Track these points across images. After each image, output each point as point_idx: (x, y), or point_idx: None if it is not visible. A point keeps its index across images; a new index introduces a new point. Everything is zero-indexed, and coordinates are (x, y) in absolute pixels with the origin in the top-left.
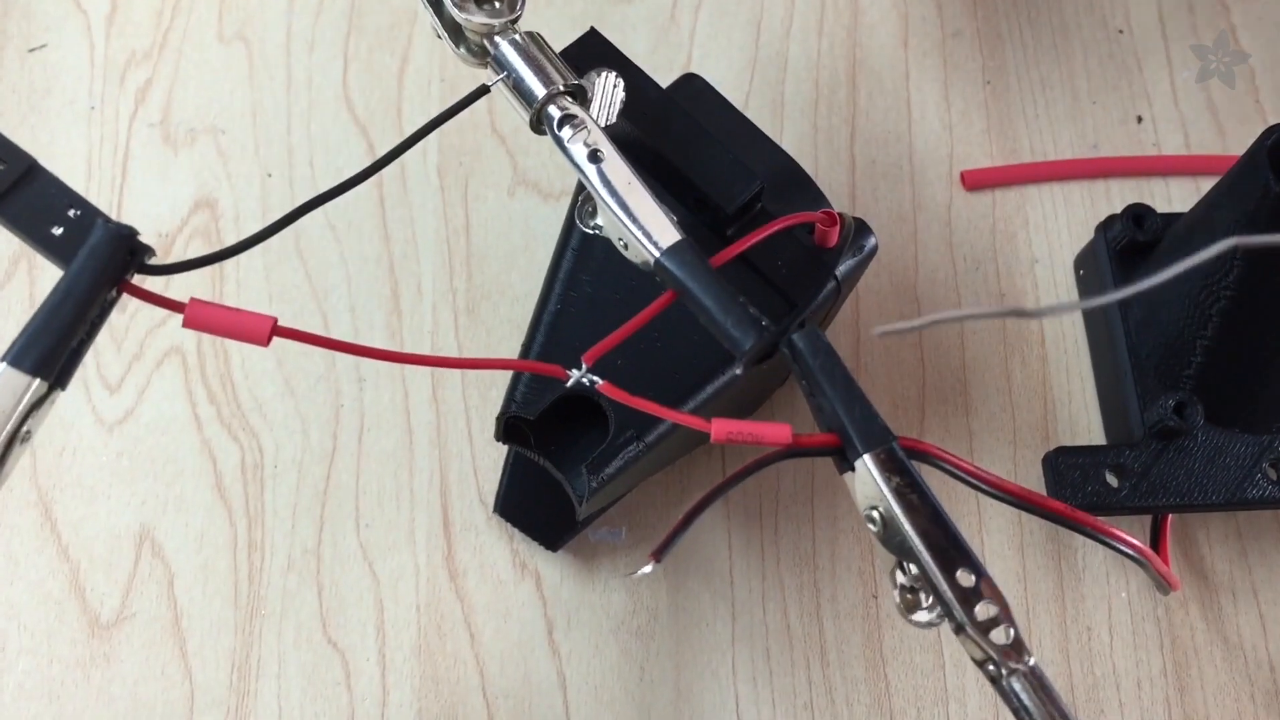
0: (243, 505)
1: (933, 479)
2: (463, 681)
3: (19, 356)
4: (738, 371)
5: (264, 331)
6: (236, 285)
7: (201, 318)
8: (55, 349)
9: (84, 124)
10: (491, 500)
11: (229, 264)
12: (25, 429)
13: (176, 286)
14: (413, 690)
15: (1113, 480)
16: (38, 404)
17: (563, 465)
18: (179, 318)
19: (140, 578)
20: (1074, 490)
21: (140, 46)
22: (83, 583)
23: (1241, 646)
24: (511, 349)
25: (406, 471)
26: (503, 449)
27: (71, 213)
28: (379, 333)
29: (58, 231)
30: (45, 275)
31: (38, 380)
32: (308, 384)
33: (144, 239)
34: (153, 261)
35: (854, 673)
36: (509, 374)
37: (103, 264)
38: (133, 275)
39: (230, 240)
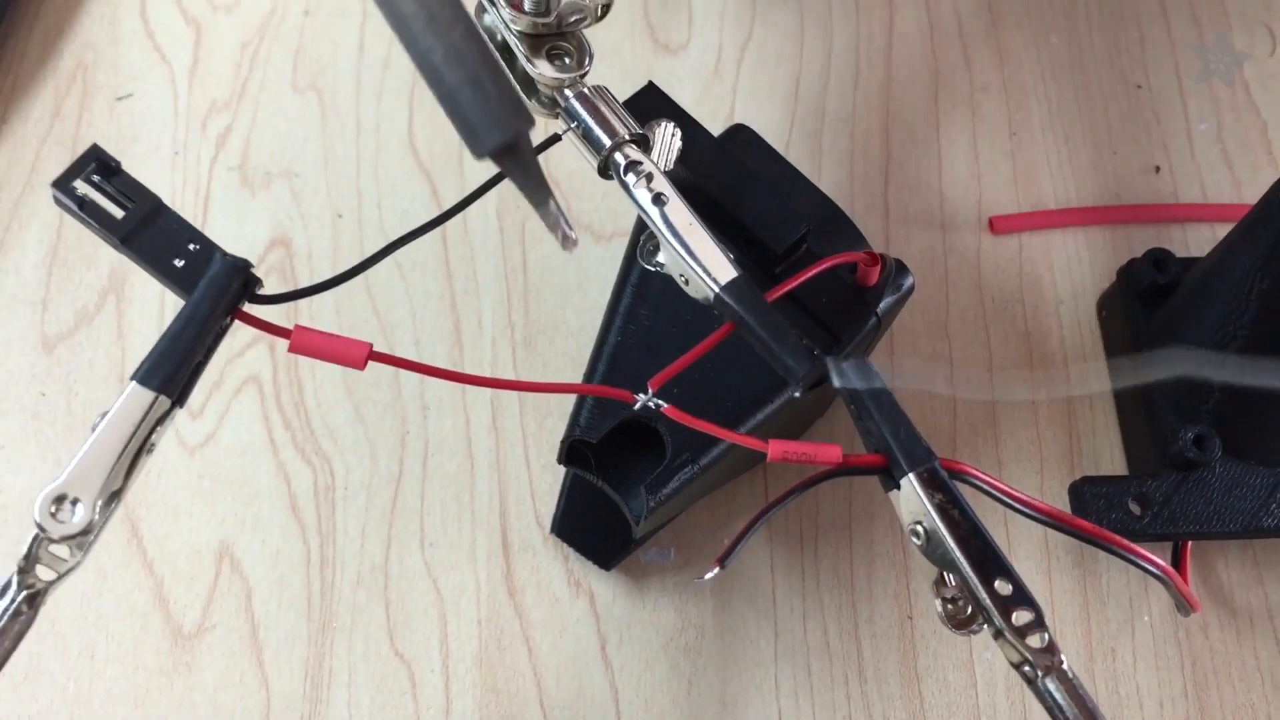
0: (315, 524)
1: (968, 498)
2: (521, 693)
3: (147, 376)
4: (796, 395)
5: (361, 356)
6: (309, 319)
7: (305, 343)
8: (178, 369)
9: (168, 168)
10: (548, 522)
11: (303, 299)
12: (150, 441)
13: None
14: (474, 700)
15: (1135, 508)
16: (161, 419)
17: (620, 487)
18: (256, 349)
19: (220, 591)
20: (1099, 517)
21: (220, 96)
22: (166, 595)
23: (1259, 669)
24: (566, 380)
25: (468, 494)
26: (558, 474)
27: (191, 246)
28: (441, 364)
29: (179, 263)
30: (133, 308)
31: (162, 397)
32: (376, 412)
33: None
34: (262, 292)
35: (890, 689)
36: (565, 405)
37: (221, 293)
38: (244, 304)
39: (304, 276)
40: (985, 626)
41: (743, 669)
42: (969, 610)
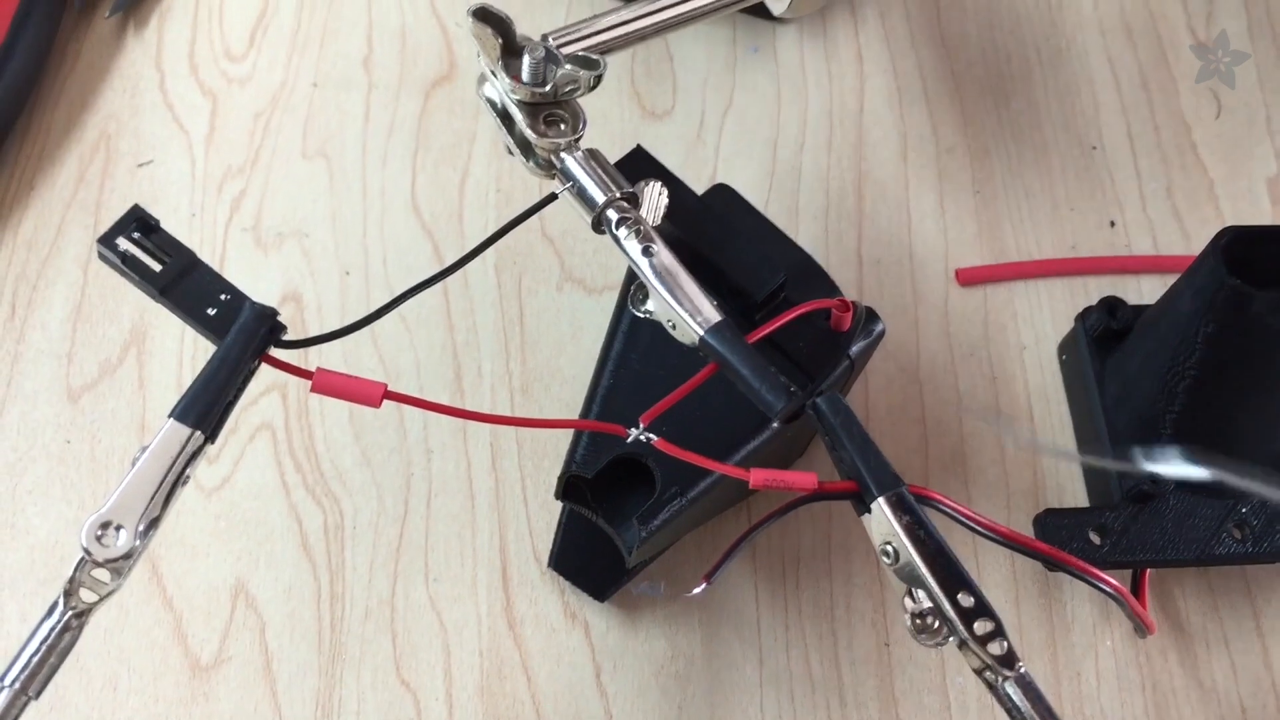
0: (325, 562)
1: (936, 523)
2: (521, 719)
3: (184, 413)
4: (775, 425)
5: (377, 395)
6: None
7: (327, 384)
8: (212, 407)
9: (186, 229)
10: (545, 557)
11: (313, 348)
12: (186, 474)
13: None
14: None
15: (1095, 538)
16: (196, 453)
17: (613, 520)
18: (269, 398)
19: (236, 626)
20: (1061, 547)
21: (235, 162)
22: (185, 630)
23: (1215, 690)
24: None
25: (469, 532)
26: (554, 512)
27: (223, 297)
28: None
29: (212, 312)
30: (152, 360)
31: (197, 432)
32: (382, 455)
33: None
34: (286, 337)
35: (869, 713)
36: (559, 448)
37: (250, 338)
38: (270, 348)
39: (314, 329)
40: (951, 637)
41: (729, 695)
42: (936, 623)
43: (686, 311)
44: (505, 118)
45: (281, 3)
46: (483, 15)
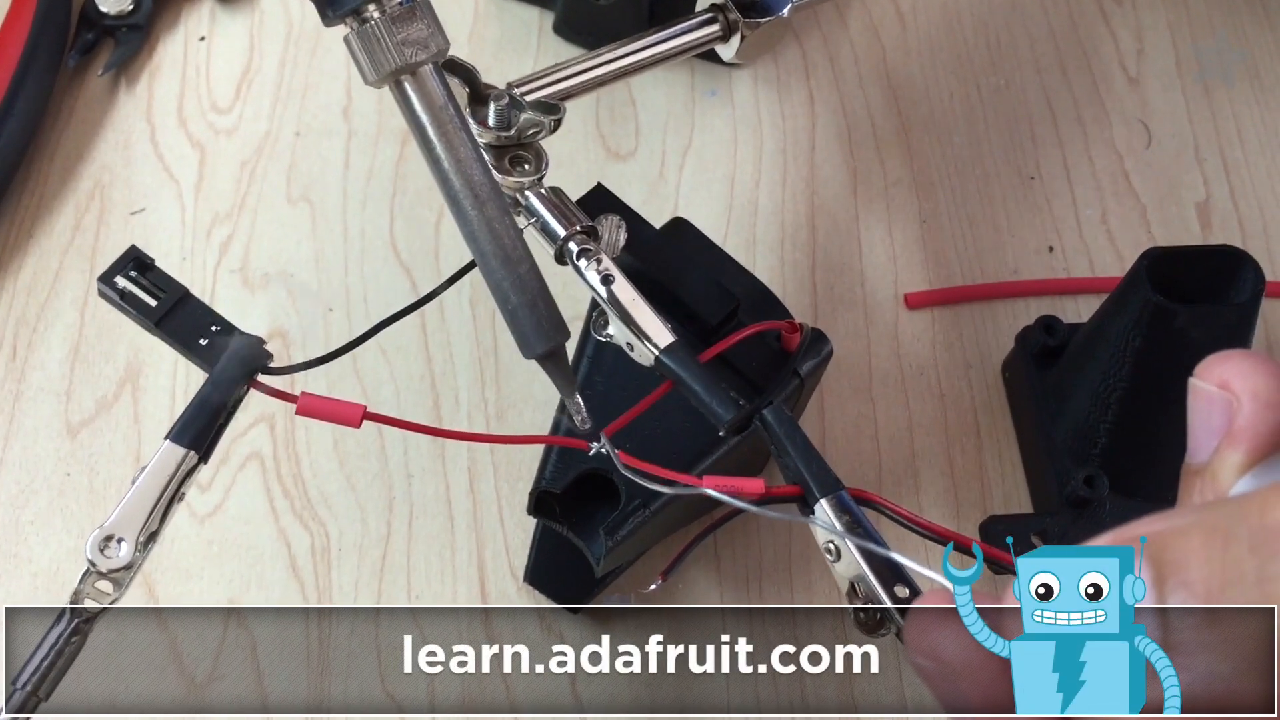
0: (313, 582)
1: (880, 526)
2: None
3: (179, 435)
4: (726, 437)
5: (357, 416)
6: None
7: (310, 406)
8: (205, 429)
9: (178, 272)
10: (521, 572)
11: (299, 378)
12: (181, 491)
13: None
14: None
15: (1037, 542)
16: (190, 472)
17: (582, 532)
18: (257, 429)
19: (228, 644)
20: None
21: (222, 208)
22: (180, 649)
23: None
24: (534, 448)
25: (449, 551)
26: (528, 530)
27: (213, 328)
28: (424, 437)
29: (204, 342)
30: (146, 396)
31: (192, 453)
32: (365, 480)
33: None
34: (273, 364)
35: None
36: (533, 468)
37: (240, 364)
38: (258, 374)
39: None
40: (891, 628)
41: (699, 699)
42: (877, 615)
43: (642, 334)
44: None
45: (265, 58)
46: (450, 66)
